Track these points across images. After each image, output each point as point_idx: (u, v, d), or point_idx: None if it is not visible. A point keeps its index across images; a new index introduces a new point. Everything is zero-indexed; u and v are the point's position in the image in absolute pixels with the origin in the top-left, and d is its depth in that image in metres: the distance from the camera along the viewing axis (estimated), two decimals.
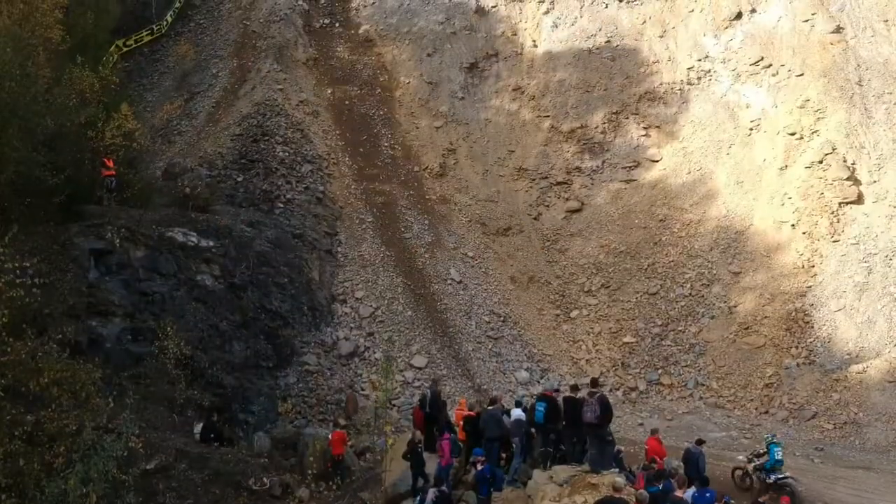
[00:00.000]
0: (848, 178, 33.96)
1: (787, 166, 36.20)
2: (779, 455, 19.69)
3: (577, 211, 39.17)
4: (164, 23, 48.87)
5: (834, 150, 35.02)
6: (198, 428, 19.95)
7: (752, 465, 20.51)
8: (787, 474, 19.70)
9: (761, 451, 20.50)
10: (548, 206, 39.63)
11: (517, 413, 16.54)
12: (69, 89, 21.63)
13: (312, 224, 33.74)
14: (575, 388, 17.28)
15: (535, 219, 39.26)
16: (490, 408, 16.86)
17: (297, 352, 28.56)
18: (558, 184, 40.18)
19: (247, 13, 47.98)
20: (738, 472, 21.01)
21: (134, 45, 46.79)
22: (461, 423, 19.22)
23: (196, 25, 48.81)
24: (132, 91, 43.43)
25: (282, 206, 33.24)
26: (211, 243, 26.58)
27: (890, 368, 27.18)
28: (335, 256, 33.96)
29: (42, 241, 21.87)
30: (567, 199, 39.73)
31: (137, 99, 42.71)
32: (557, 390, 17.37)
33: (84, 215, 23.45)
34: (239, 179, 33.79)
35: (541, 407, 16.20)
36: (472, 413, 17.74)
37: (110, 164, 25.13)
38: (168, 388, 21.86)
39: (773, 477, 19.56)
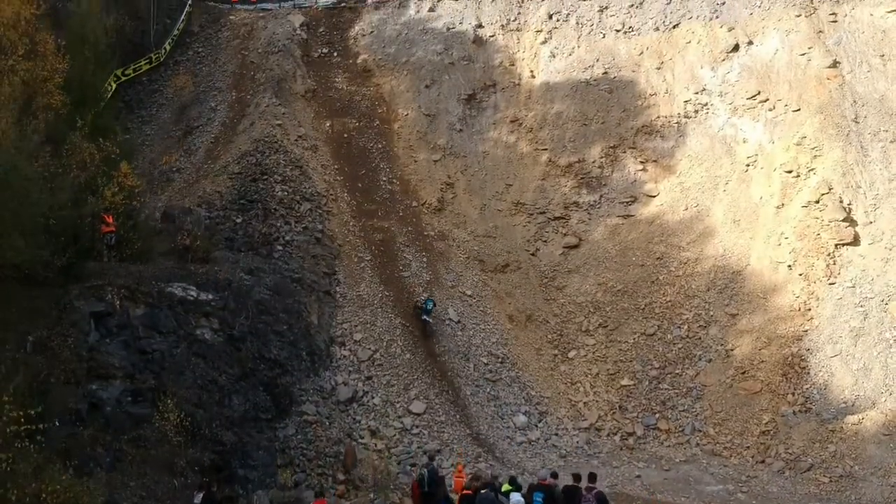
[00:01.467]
0: (844, 220, 34.11)
1: (783, 204, 36.37)
2: None
3: (575, 247, 39.30)
4: (163, 51, 49.01)
5: (830, 189, 35.18)
6: (198, 498, 20.01)
7: None
8: None
9: None
10: (545, 241, 39.76)
11: (516, 499, 16.62)
12: (69, 160, 21.72)
13: (311, 265, 33.82)
14: (577, 477, 17.34)
15: (532, 254, 39.39)
16: (483, 491, 16.92)
17: (296, 400, 28.64)
18: (556, 219, 40.31)
19: (245, 42, 48.16)
20: None
21: (133, 75, 46.94)
22: (460, 493, 19.30)
23: (194, 54, 48.94)
24: (130, 123, 43.72)
25: (280, 248, 33.33)
26: (210, 296, 26.65)
27: (885, 421, 27.34)
28: (334, 297, 34.03)
29: (42, 304, 21.96)
30: (565, 235, 39.88)
31: (136, 132, 42.97)
32: (555, 475, 17.45)
33: (84, 275, 23.52)
34: (238, 221, 33.88)
35: (538, 498, 16.29)
36: (468, 492, 17.82)
37: (110, 220, 25.25)
38: (168, 450, 21.96)
39: None
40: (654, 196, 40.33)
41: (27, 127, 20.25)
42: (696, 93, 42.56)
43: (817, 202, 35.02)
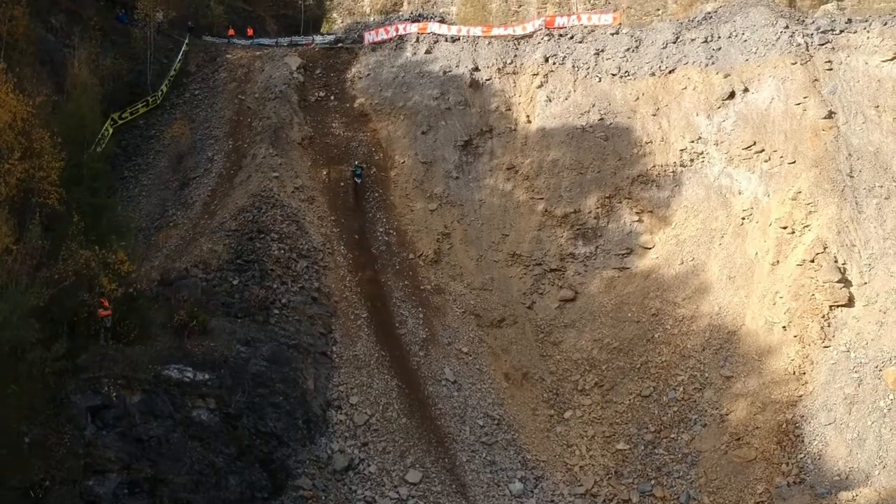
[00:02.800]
0: (839, 281, 34.18)
1: (778, 261, 36.48)
2: None
3: (571, 300, 39.42)
4: (160, 93, 49.10)
5: (825, 248, 35.27)
6: None
7: None
8: None
9: None
10: (542, 294, 39.89)
11: None
12: (65, 266, 21.83)
13: (307, 328, 33.92)
14: None
15: (528, 308, 39.52)
16: None
17: (292, 474, 28.75)
18: (552, 271, 40.45)
19: (241, 86, 48.25)
20: None
21: (129, 118, 47.01)
22: None
23: (191, 96, 49.04)
24: (127, 171, 43.81)
25: (277, 312, 33.39)
26: (206, 376, 26.81)
27: (879, 500, 27.45)
28: (330, 357, 34.13)
29: (38, 401, 22.04)
30: (561, 288, 40.01)
31: (132, 180, 43.09)
32: None
33: (81, 366, 23.60)
34: (235, 283, 33.91)
35: None
36: None
37: (106, 304, 25.33)
38: None
39: None
40: (650, 248, 40.45)
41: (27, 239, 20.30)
42: (692, 141, 42.66)
43: (812, 261, 35.09)
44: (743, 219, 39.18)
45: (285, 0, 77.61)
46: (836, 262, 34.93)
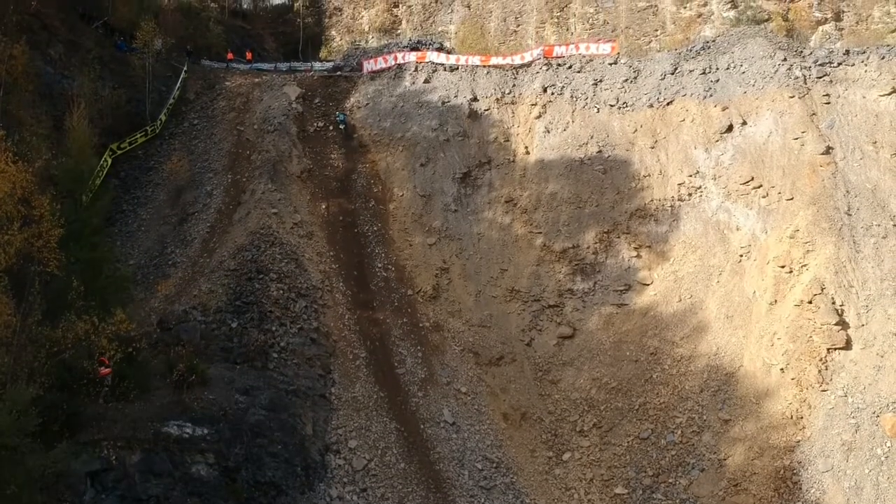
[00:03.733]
0: (837, 323, 34.25)
1: (776, 301, 36.55)
2: None
3: (570, 337, 39.49)
4: (159, 122, 49.15)
5: (823, 289, 35.33)
6: None
7: None
8: None
9: None
10: (540, 330, 39.96)
11: None
12: (65, 335, 21.88)
13: (306, 371, 34.01)
14: None
15: (527, 345, 39.58)
16: None
17: None
18: (550, 307, 40.52)
19: (240, 116, 48.29)
20: None
21: (128, 148, 47.06)
22: None
23: (190, 126, 49.07)
24: (126, 204, 43.84)
25: (276, 356, 33.47)
26: (205, 430, 26.87)
27: None
28: (329, 400, 34.19)
29: (37, 468, 22.05)
30: (559, 324, 40.07)
31: (131, 214, 43.11)
32: None
33: (80, 428, 23.65)
34: (233, 326, 33.99)
35: None
36: None
37: (106, 361, 25.40)
38: None
39: None
40: (648, 284, 40.51)
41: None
42: (690, 175, 42.73)
43: (810, 302, 35.14)
44: (741, 256, 39.24)
45: (284, 18, 77.87)
46: (833, 303, 34.99)
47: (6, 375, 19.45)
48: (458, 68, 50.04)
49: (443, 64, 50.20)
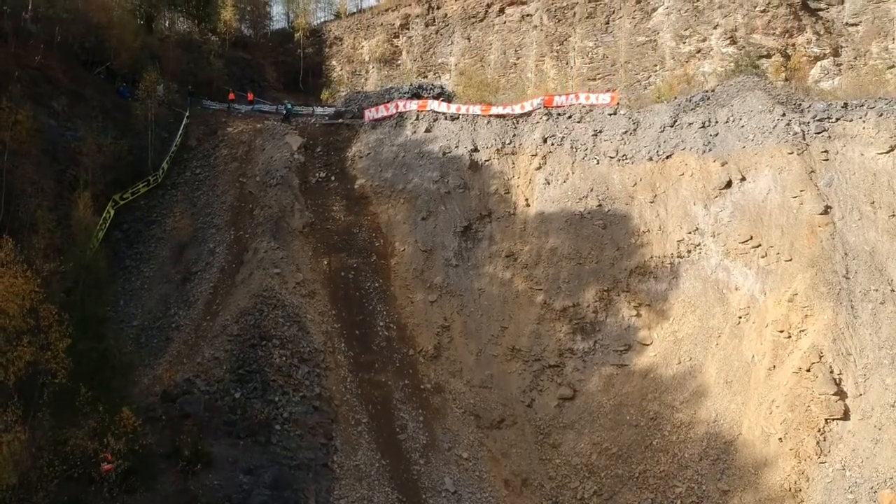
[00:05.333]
0: (835, 394, 34.55)
1: (774, 367, 36.85)
2: None
3: (570, 399, 39.83)
4: (161, 171, 49.45)
5: (821, 357, 35.61)
6: None
7: None
8: None
9: None
10: (541, 391, 40.28)
11: None
12: (73, 452, 22.15)
13: (309, 441, 34.28)
14: None
15: (528, 406, 39.91)
16: None
17: None
18: (551, 367, 40.85)
19: (243, 167, 48.55)
20: None
21: (130, 198, 47.36)
22: None
23: (192, 175, 49.35)
24: (128, 260, 44.09)
25: (279, 428, 33.74)
26: None
27: None
28: (331, 468, 34.45)
29: None
30: (560, 385, 40.39)
31: (133, 271, 43.37)
32: None
33: None
34: (237, 396, 34.25)
35: None
36: None
37: (110, 458, 25.65)
38: None
39: None
40: (648, 345, 40.83)
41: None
42: (689, 232, 43.02)
43: (808, 370, 35.44)
44: (740, 318, 39.53)
45: (285, 47, 78.21)
46: (831, 371, 35.27)
47: (11, 494, 19.66)
48: (458, 118, 50.26)
49: (444, 113, 50.41)
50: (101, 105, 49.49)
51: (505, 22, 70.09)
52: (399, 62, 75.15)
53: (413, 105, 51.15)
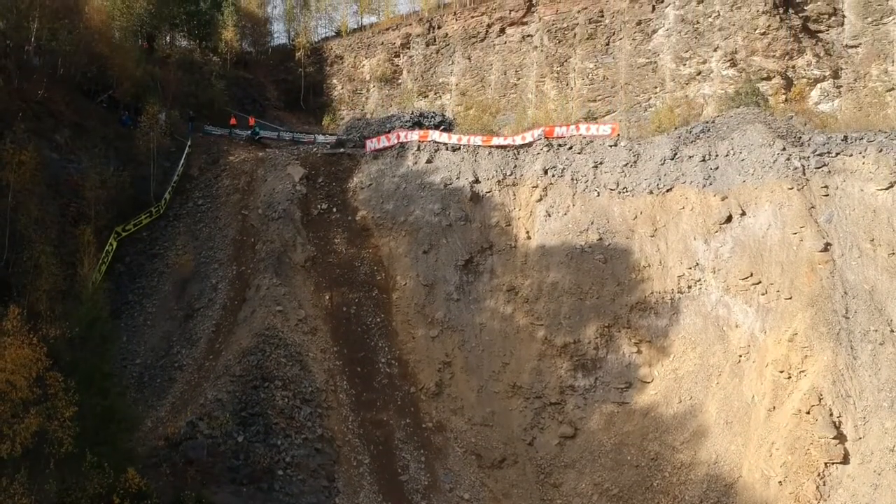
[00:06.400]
0: (835, 437, 34.74)
1: (774, 408, 37.05)
2: None
3: (571, 437, 40.03)
4: (163, 202, 49.62)
5: (820, 399, 35.80)
6: None
7: None
8: None
9: None
10: (542, 429, 40.48)
11: None
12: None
13: (311, 485, 34.51)
14: None
15: (529, 444, 40.11)
16: None
17: None
18: (552, 404, 41.06)
19: (245, 199, 48.72)
20: None
21: (133, 230, 47.55)
22: None
23: (194, 206, 49.53)
24: (131, 294, 44.25)
25: (281, 473, 33.96)
26: None
27: None
28: None
29: None
30: (561, 423, 40.59)
31: (136, 306, 43.53)
32: None
33: None
34: (240, 440, 34.46)
35: None
36: None
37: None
38: None
39: None
40: (649, 382, 41.03)
41: None
42: (690, 268, 43.19)
43: (808, 413, 35.63)
44: (740, 356, 39.72)
45: (286, 66, 78.42)
46: (831, 415, 35.46)
47: None
48: (459, 148, 50.42)
49: (445, 143, 50.56)
50: (104, 136, 49.69)
51: (505, 42, 70.33)
52: (400, 81, 75.37)
53: (414, 135, 51.28)
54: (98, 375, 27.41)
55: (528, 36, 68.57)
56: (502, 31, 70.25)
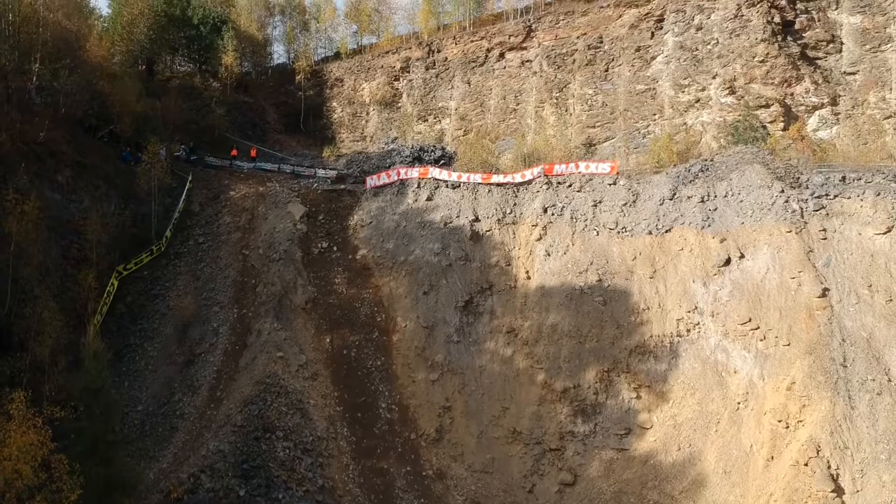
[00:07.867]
0: (832, 491, 34.93)
1: (773, 457, 37.26)
2: None
3: (571, 485, 40.23)
4: (164, 240, 49.78)
5: (818, 451, 35.98)
6: None
7: None
8: None
9: None
10: (542, 475, 40.70)
11: None
12: None
13: None
14: None
15: (529, 492, 40.31)
16: None
17: None
18: (552, 450, 41.26)
19: (246, 237, 48.89)
20: None
21: (134, 269, 47.72)
22: None
23: (195, 244, 49.70)
24: (132, 337, 44.44)
25: None
26: None
27: None
28: None
29: None
30: (560, 469, 40.82)
31: (138, 349, 43.72)
32: None
33: None
34: (241, 494, 34.65)
35: None
36: None
37: None
38: None
39: None
40: (648, 428, 41.25)
41: None
42: (689, 311, 43.40)
43: (806, 464, 35.84)
44: (739, 403, 39.93)
45: (286, 89, 78.53)
46: (829, 467, 35.65)
47: None
48: (459, 186, 50.61)
49: (445, 180, 50.75)
50: (105, 174, 49.87)
51: (505, 67, 70.43)
52: (399, 105, 75.48)
53: (414, 172, 51.47)
54: (102, 445, 27.63)
55: (528, 61, 68.67)
56: (502, 55, 70.32)
